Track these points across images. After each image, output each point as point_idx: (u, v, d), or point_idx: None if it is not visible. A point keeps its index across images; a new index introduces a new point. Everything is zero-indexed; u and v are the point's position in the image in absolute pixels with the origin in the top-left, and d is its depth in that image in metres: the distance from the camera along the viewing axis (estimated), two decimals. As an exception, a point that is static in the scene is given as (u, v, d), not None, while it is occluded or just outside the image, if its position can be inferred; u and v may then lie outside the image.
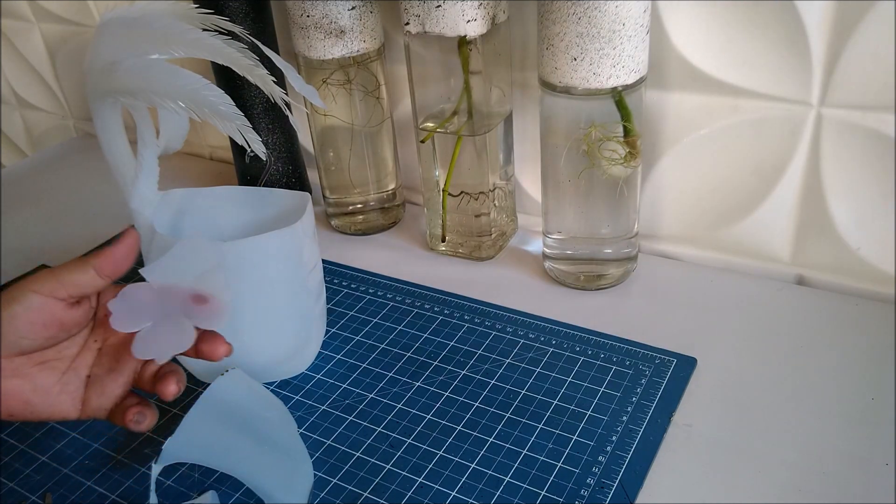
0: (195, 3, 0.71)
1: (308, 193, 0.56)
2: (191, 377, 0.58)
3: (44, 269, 0.74)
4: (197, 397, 0.44)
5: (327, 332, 0.62)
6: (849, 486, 0.46)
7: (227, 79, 0.73)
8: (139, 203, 0.50)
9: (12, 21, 1.05)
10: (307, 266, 0.55)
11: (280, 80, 0.47)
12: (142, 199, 0.50)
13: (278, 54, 0.75)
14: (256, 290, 0.53)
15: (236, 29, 0.48)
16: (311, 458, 0.51)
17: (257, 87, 0.74)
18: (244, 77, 0.46)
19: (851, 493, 0.45)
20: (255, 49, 0.47)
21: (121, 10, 0.46)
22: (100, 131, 0.48)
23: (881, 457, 0.47)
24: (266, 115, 0.75)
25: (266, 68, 0.46)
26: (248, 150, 0.46)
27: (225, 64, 0.45)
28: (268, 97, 0.79)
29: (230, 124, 0.45)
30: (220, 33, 0.46)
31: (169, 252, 0.43)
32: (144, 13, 0.46)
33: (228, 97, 0.45)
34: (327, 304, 0.65)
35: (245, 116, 0.45)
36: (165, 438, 0.43)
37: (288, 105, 0.48)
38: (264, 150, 0.47)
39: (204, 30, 0.46)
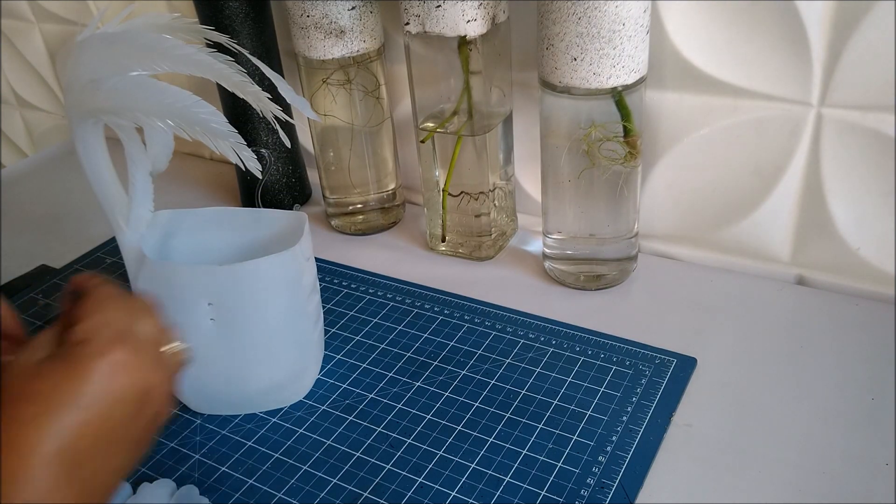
0: (197, 8, 0.71)
1: (305, 214, 0.53)
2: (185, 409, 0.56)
3: (43, 268, 0.75)
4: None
5: (327, 332, 0.62)
6: (849, 486, 0.46)
7: (227, 79, 0.73)
8: (136, 223, 0.49)
9: (12, 21, 1.05)
10: (306, 290, 0.52)
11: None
12: (138, 220, 0.49)
13: (278, 54, 0.76)
14: (252, 317, 0.51)
15: (223, 39, 0.47)
16: (311, 457, 0.51)
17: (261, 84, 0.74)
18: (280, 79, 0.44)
19: (851, 493, 0.45)
20: (246, 59, 0.45)
21: (102, 27, 0.45)
22: (82, 155, 0.47)
23: (881, 457, 0.47)
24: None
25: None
26: (244, 167, 0.45)
27: (214, 80, 0.44)
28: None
29: (223, 142, 0.43)
30: (209, 44, 0.45)
31: None
32: (126, 29, 0.45)
33: (220, 114, 0.43)
34: (327, 304, 0.65)
35: (244, 116, 0.44)
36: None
37: (279, 120, 0.45)
38: (259, 167, 0.45)
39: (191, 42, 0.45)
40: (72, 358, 0.34)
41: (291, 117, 0.47)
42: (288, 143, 0.47)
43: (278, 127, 0.46)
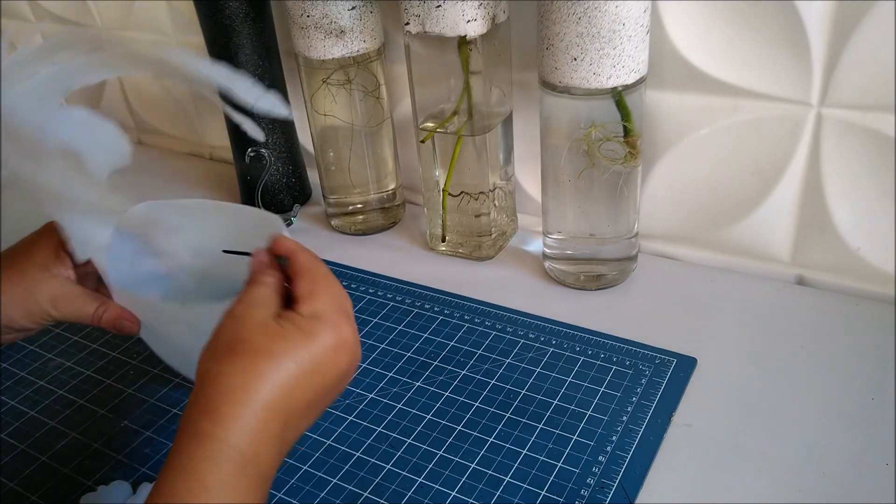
0: (198, 8, 0.71)
1: (278, 217, 0.50)
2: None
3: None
4: None
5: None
6: (849, 486, 0.46)
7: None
8: (84, 251, 0.47)
9: (12, 21, 1.05)
10: None
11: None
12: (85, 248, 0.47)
13: (278, 54, 0.76)
14: None
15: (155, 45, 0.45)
16: (311, 458, 0.51)
17: (259, 83, 0.72)
18: (242, 72, 0.42)
19: (851, 493, 0.45)
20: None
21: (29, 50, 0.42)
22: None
23: (881, 457, 0.47)
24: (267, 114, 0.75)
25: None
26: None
27: (144, 73, 0.42)
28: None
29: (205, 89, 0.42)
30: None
31: None
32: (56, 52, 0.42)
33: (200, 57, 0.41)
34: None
35: (246, 115, 0.42)
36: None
37: (249, 113, 0.43)
38: (254, 126, 0.43)
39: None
40: (310, 330, 0.38)
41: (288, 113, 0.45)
42: (260, 136, 0.45)
43: (240, 121, 0.43)
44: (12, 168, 0.41)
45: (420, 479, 0.49)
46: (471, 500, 0.47)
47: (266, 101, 0.43)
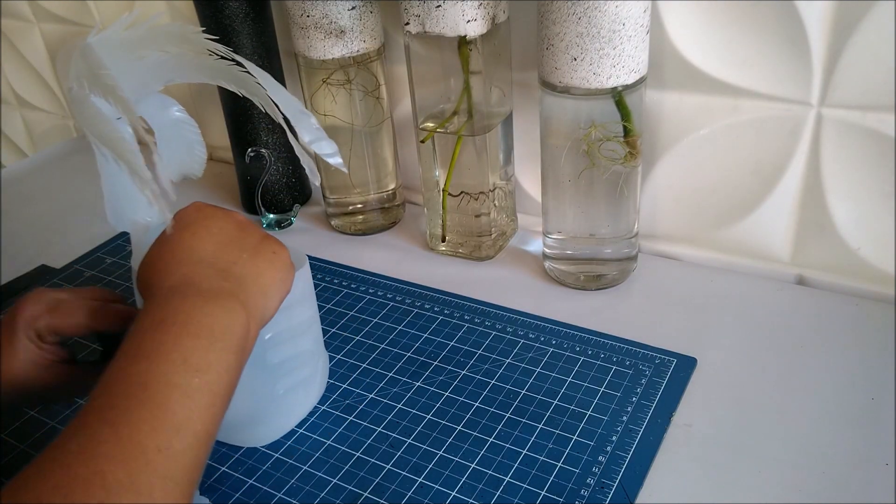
0: (197, 8, 0.71)
1: (305, 255, 0.50)
2: None
3: (43, 268, 0.75)
4: None
5: (326, 331, 0.62)
6: (849, 486, 0.46)
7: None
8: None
9: (12, 21, 1.05)
10: (263, 337, 0.47)
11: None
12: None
13: (278, 54, 0.76)
14: None
15: (239, 57, 0.47)
16: (311, 458, 0.51)
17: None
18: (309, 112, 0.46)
19: (851, 493, 0.45)
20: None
21: (109, 32, 0.45)
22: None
23: (881, 457, 0.47)
24: (267, 114, 0.75)
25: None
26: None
27: (234, 88, 0.45)
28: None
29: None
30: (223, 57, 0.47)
31: None
32: (137, 35, 0.46)
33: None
34: (327, 304, 0.65)
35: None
36: None
37: (290, 127, 0.46)
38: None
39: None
40: (177, 217, 0.44)
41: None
42: (316, 181, 0.47)
43: (289, 132, 0.46)
44: (101, 108, 0.44)
45: (420, 479, 0.49)
46: (471, 500, 0.47)
47: (324, 146, 0.47)
